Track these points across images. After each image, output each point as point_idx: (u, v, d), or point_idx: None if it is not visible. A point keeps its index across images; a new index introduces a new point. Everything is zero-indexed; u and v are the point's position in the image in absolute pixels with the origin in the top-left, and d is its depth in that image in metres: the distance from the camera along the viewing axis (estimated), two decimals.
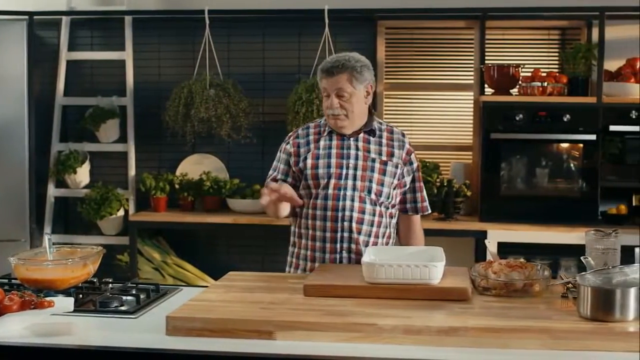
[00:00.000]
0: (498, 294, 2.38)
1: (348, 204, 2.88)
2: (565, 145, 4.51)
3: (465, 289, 2.33)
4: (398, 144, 2.98)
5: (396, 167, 2.95)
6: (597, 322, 2.08)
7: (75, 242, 4.83)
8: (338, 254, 2.90)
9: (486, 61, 4.69)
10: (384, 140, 2.98)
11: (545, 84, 4.46)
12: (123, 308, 2.39)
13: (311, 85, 4.61)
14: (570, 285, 2.34)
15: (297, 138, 3.01)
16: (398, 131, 3.03)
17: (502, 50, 4.94)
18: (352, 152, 2.93)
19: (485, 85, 4.67)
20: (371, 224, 2.91)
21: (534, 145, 4.50)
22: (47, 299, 2.19)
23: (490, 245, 3.46)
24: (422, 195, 3.05)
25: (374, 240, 2.92)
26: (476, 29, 4.78)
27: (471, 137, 4.91)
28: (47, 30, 5.08)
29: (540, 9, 4.70)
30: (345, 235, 2.89)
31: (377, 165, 2.93)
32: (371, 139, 2.97)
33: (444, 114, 5.05)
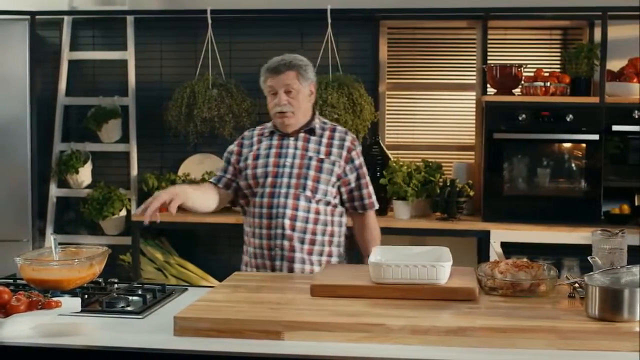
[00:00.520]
0: (505, 293, 2.38)
1: (282, 201, 2.96)
2: (567, 145, 4.51)
3: (472, 288, 2.33)
4: (338, 143, 3.05)
5: (333, 165, 3.01)
6: (605, 322, 2.08)
7: (78, 243, 4.81)
8: (273, 251, 2.97)
9: (488, 61, 4.69)
10: (325, 140, 3.05)
11: (547, 84, 4.46)
12: (130, 308, 2.39)
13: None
14: (577, 285, 2.34)
15: (243, 139, 3.15)
16: (341, 130, 3.11)
17: (505, 50, 4.94)
18: (290, 151, 3.02)
19: (488, 85, 4.67)
20: (305, 221, 2.97)
21: (536, 145, 4.50)
22: (55, 299, 2.19)
23: (496, 245, 3.46)
24: (368, 192, 3.11)
25: (310, 237, 2.98)
26: (478, 29, 4.78)
27: (474, 137, 4.91)
28: (49, 30, 5.07)
29: (542, 9, 4.70)
30: (279, 232, 2.96)
31: (314, 162, 3.00)
32: (311, 138, 3.05)
33: (446, 114, 5.05)
